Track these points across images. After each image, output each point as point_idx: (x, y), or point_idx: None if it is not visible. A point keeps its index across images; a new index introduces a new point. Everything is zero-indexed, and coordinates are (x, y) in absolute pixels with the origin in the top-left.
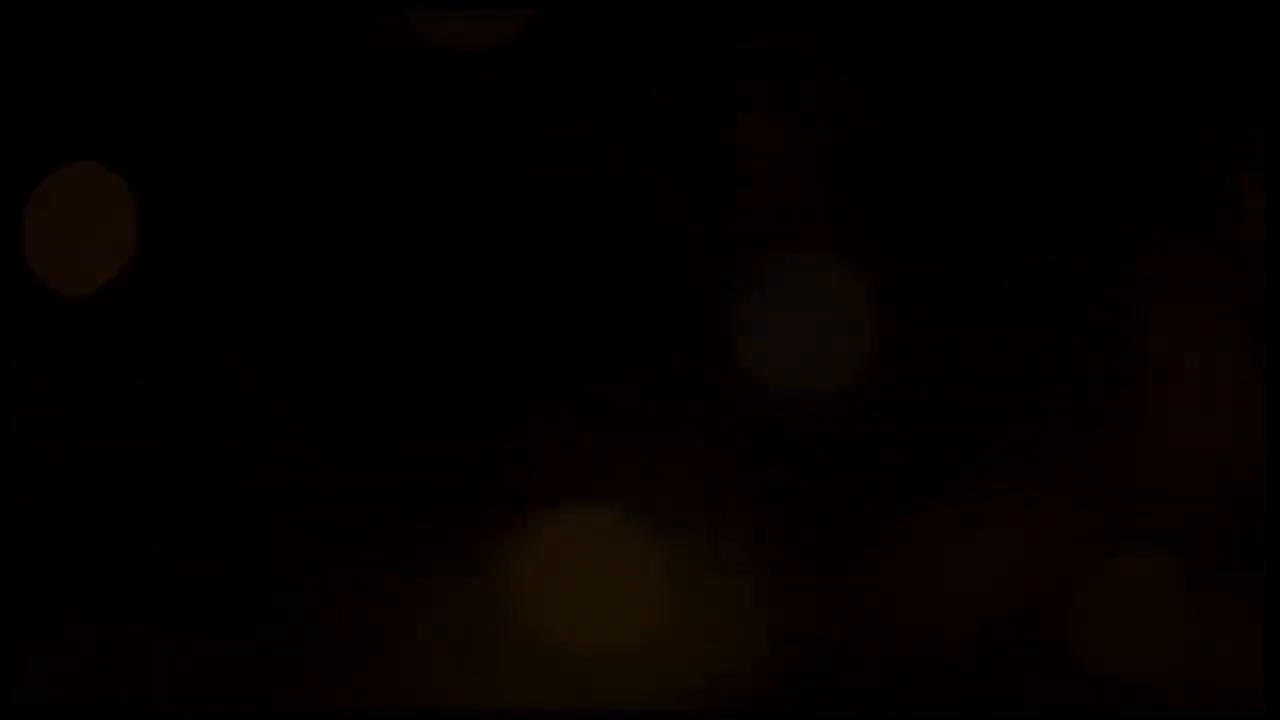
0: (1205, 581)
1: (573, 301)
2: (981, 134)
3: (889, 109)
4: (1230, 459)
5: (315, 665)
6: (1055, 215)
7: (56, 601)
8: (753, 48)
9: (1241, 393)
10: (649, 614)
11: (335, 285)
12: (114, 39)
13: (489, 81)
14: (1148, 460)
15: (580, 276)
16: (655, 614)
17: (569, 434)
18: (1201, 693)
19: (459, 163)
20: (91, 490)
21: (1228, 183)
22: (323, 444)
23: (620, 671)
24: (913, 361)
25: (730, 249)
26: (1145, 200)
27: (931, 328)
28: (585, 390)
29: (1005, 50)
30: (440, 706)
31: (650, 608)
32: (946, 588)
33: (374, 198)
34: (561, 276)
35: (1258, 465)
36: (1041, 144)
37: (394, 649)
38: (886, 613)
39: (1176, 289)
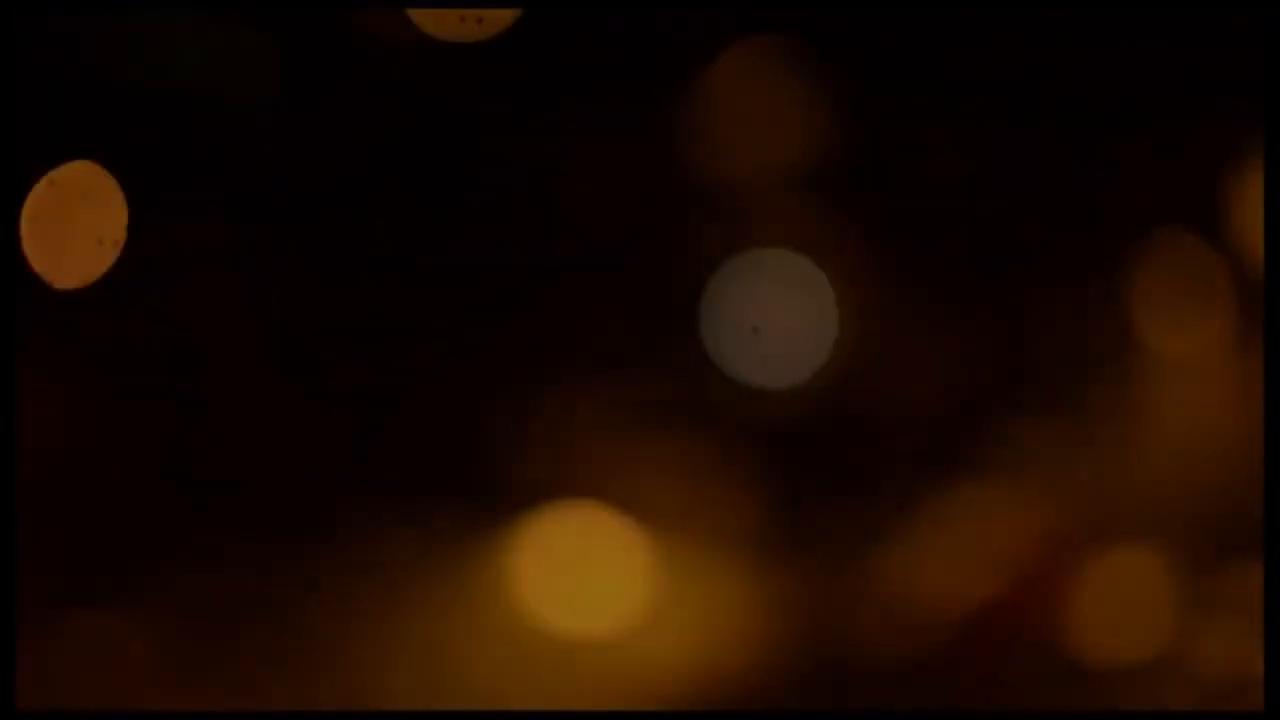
0: (1199, 574)
1: (564, 300)
2: (967, 133)
3: (875, 110)
4: (1224, 455)
5: (315, 656)
6: (1046, 210)
7: (55, 592)
8: (744, 49)
9: (1236, 390)
10: (640, 602)
11: (326, 283)
12: (110, 38)
13: (480, 75)
14: (1137, 455)
15: (571, 275)
16: (645, 601)
17: (563, 431)
18: (1197, 685)
19: (450, 155)
20: (87, 477)
21: (1224, 182)
22: (317, 435)
23: (613, 657)
24: (906, 358)
25: (715, 247)
26: (1137, 196)
27: (923, 325)
28: (578, 388)
29: (998, 54)
30: (440, 700)
31: (640, 596)
32: (938, 579)
33: (365, 192)
34: (553, 276)
35: (1253, 461)
36: (1029, 142)
37: (392, 639)
38: (876, 603)
39: (1166, 286)
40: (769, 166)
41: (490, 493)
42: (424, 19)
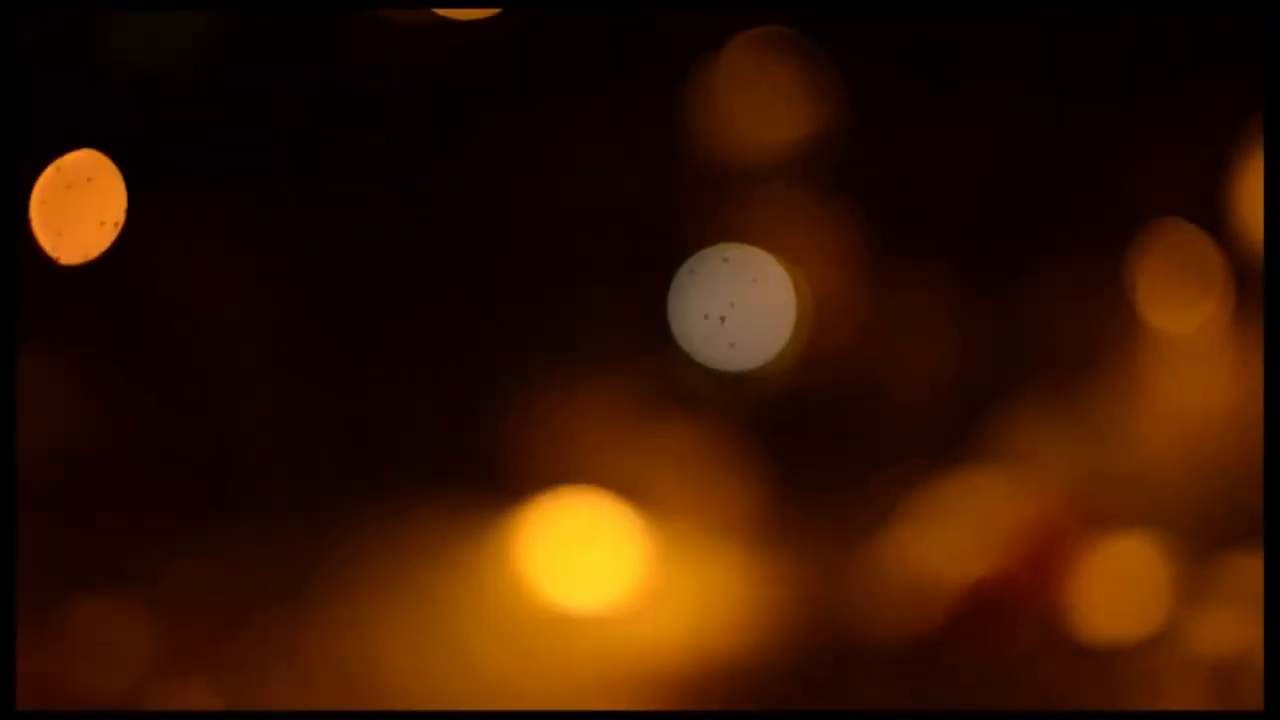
0: (1195, 558)
1: (565, 291)
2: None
3: (874, 98)
4: (1220, 440)
5: (322, 640)
6: (1044, 197)
7: (55, 583)
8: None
9: (1233, 375)
10: (638, 582)
11: (328, 275)
12: (112, 31)
13: (474, 67)
14: (1135, 439)
15: (572, 267)
16: (643, 581)
17: (564, 421)
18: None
19: (436, 142)
20: (87, 463)
21: (1223, 169)
22: (322, 425)
23: (613, 633)
24: (905, 344)
25: (715, 237)
26: (1135, 182)
27: (923, 310)
28: (579, 378)
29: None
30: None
31: (638, 576)
32: (934, 562)
33: (360, 181)
34: (554, 268)
35: (1250, 447)
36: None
37: (400, 619)
38: (873, 585)
39: (1165, 271)
40: (767, 156)
41: (496, 480)
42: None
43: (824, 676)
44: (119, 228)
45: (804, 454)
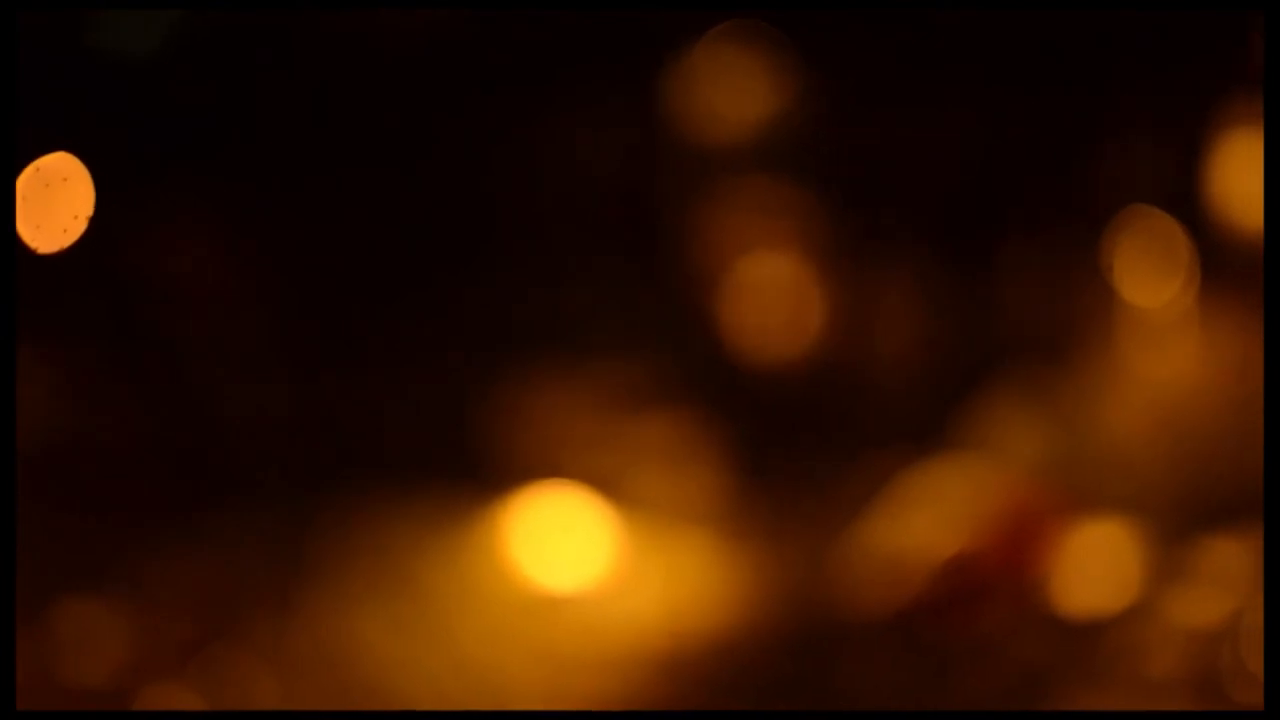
0: (1170, 539)
1: (547, 293)
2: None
3: (853, 86)
4: (1195, 426)
5: (315, 630)
6: (1013, 187)
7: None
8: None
9: (1206, 360)
10: (612, 567)
11: (322, 274)
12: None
13: (449, 58)
14: (1110, 423)
15: (550, 269)
16: (617, 566)
17: (545, 417)
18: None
19: (418, 141)
20: (76, 458)
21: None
22: (309, 422)
23: (590, 614)
24: (884, 332)
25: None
26: (1112, 170)
27: (901, 299)
28: (558, 377)
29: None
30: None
31: (613, 562)
32: (908, 546)
33: (344, 180)
34: (537, 269)
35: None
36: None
37: (388, 608)
38: (830, 565)
39: (1139, 257)
40: (743, 145)
41: (477, 474)
42: None
43: (796, 656)
44: (89, 221)
45: (778, 439)
